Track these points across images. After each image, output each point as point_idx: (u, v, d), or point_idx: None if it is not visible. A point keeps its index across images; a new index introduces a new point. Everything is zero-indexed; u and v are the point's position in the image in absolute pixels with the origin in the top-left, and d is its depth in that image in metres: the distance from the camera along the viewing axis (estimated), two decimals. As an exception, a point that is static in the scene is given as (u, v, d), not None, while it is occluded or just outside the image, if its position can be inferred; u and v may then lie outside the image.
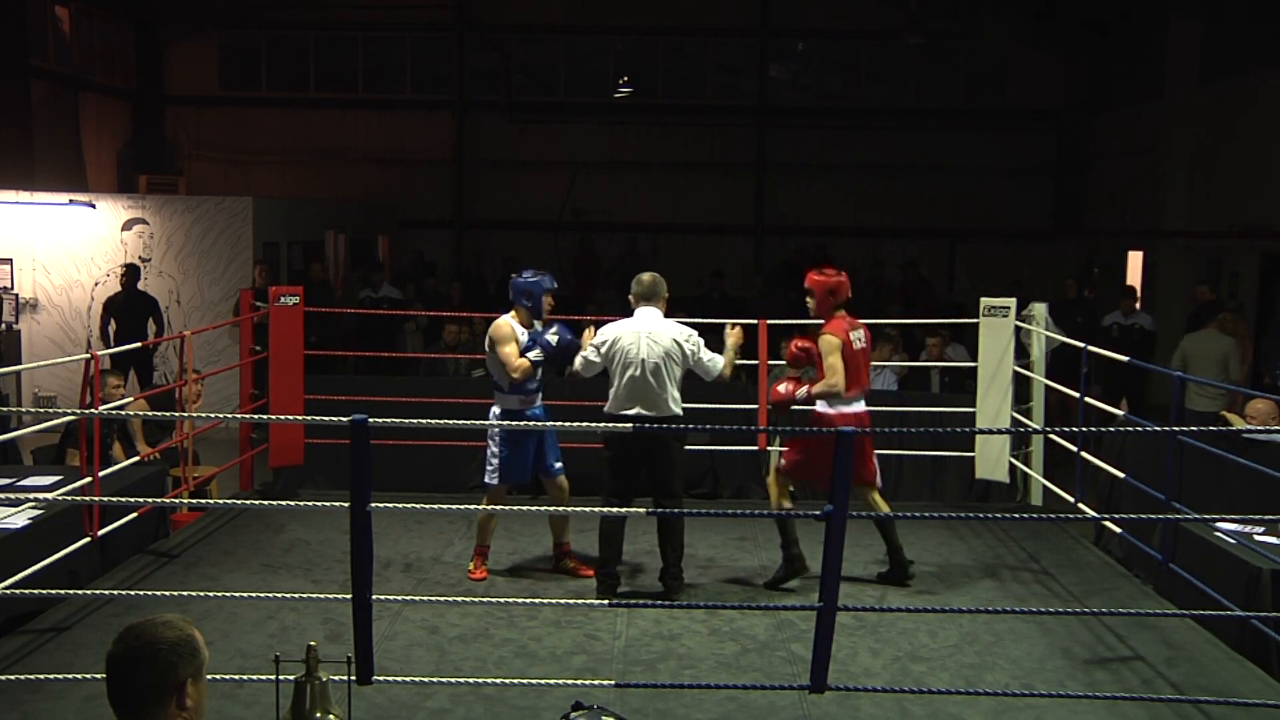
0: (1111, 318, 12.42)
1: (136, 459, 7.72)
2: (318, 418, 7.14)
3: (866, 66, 20.76)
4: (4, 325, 12.43)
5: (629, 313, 6.58)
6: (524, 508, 7.25)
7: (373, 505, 4.83)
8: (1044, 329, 8.53)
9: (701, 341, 6.47)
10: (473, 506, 6.95)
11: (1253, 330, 12.66)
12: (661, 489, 6.44)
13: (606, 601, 5.94)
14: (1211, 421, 8.82)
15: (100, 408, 6.92)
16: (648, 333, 6.32)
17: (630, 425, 6.18)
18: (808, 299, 6.77)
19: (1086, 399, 7.50)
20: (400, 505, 6.43)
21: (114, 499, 6.40)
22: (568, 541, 7.01)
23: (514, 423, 6.62)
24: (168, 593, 5.98)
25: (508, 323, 6.71)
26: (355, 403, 7.99)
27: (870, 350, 6.96)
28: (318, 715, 3.46)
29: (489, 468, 6.77)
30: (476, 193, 20.53)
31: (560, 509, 6.55)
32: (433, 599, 6.24)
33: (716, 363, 6.46)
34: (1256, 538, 6.11)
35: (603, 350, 6.38)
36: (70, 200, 13.37)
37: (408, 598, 6.21)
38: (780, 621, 6.10)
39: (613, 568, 6.47)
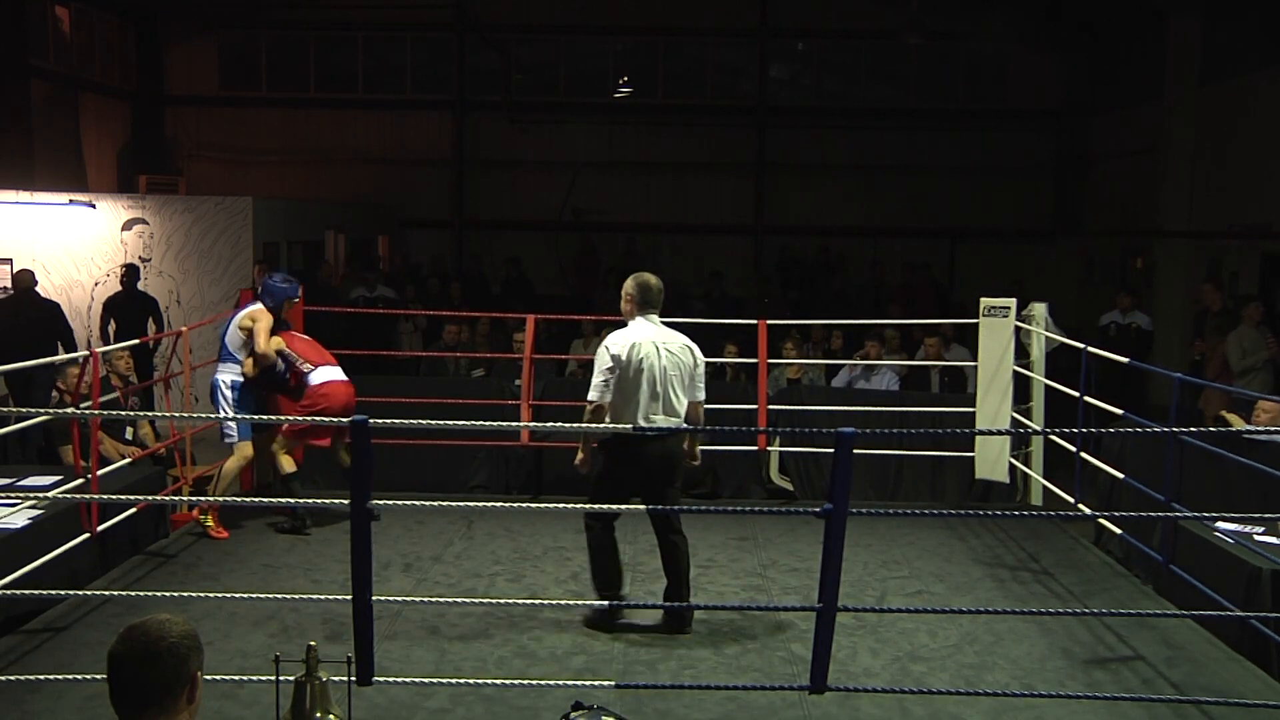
0: (1109, 317, 12.40)
1: (130, 461, 7.73)
2: (318, 418, 7.15)
3: (866, 66, 20.76)
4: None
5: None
6: (524, 504, 7.24)
7: (373, 505, 4.83)
8: (1044, 329, 8.52)
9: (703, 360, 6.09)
10: (472, 504, 6.96)
11: (1269, 329, 12.59)
12: (666, 509, 5.95)
13: (607, 602, 5.93)
14: None
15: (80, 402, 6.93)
16: (663, 341, 5.93)
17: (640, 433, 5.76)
18: None
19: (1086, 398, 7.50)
20: (400, 505, 6.43)
21: (114, 497, 6.40)
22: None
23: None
24: (168, 593, 5.98)
25: (265, 310, 7.60)
26: (355, 403, 7.98)
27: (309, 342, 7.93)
28: (318, 715, 3.46)
29: (229, 428, 7.60)
30: (476, 193, 20.54)
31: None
32: (433, 599, 6.24)
33: (701, 391, 6.06)
34: (1256, 538, 6.11)
35: (623, 362, 5.83)
36: (70, 200, 13.37)
37: (408, 598, 6.20)
38: (780, 621, 6.10)
39: (616, 597, 5.98)
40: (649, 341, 5.88)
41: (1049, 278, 18.47)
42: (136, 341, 9.47)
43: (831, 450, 4.71)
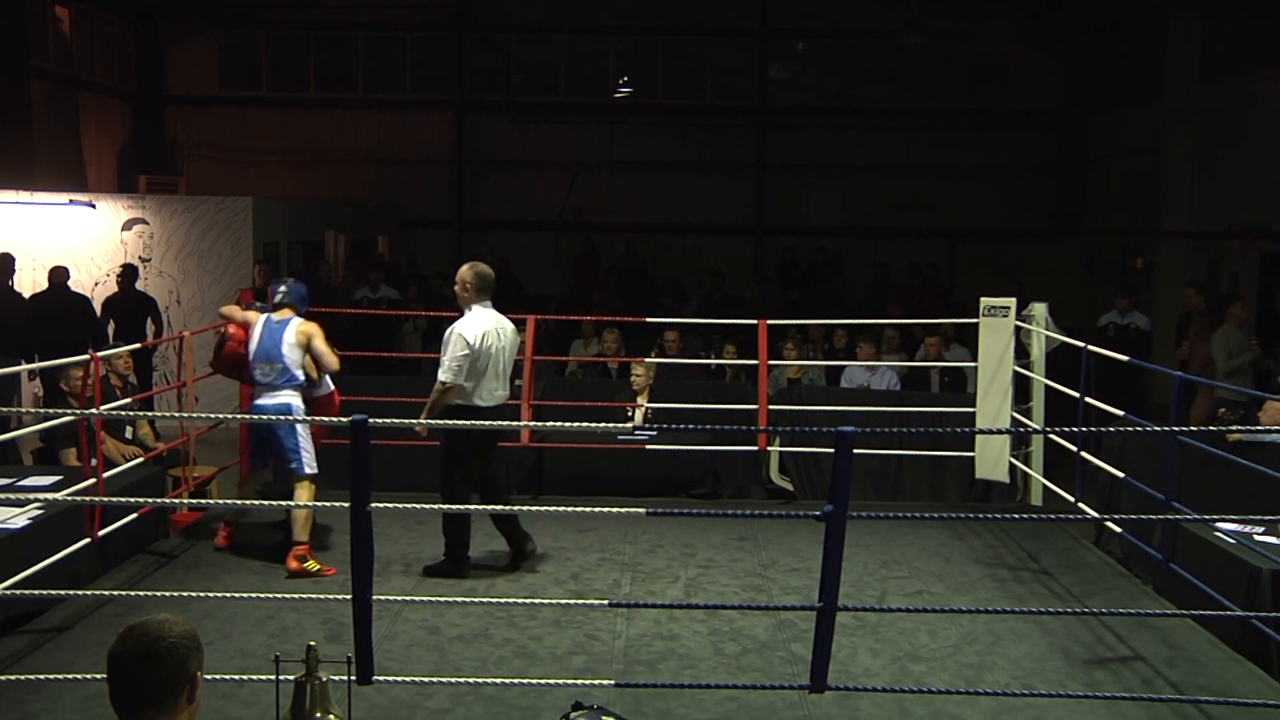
0: (1107, 317, 12.40)
1: (136, 461, 7.72)
2: (318, 418, 7.15)
3: (866, 66, 20.75)
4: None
5: (629, 313, 6.61)
6: (524, 508, 7.23)
7: (373, 505, 4.83)
8: (1044, 329, 8.52)
9: None
10: (474, 507, 6.95)
11: (1252, 330, 12.62)
12: (496, 473, 6.98)
13: (607, 602, 5.93)
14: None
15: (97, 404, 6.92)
16: (498, 326, 6.77)
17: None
18: None
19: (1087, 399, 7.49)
20: (400, 505, 6.43)
21: (115, 499, 6.40)
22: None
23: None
24: (168, 593, 5.98)
25: (304, 318, 7.11)
26: (355, 403, 7.98)
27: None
28: (318, 715, 3.46)
29: (306, 458, 6.94)
30: (476, 193, 20.53)
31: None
32: (433, 599, 6.24)
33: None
34: (1256, 538, 6.11)
35: (476, 348, 6.62)
36: (70, 200, 13.36)
37: (408, 598, 6.21)
38: (780, 621, 6.10)
39: (465, 558, 6.86)
40: (492, 330, 6.72)
41: (1049, 278, 18.45)
42: (138, 346, 9.47)
43: (831, 450, 4.71)
